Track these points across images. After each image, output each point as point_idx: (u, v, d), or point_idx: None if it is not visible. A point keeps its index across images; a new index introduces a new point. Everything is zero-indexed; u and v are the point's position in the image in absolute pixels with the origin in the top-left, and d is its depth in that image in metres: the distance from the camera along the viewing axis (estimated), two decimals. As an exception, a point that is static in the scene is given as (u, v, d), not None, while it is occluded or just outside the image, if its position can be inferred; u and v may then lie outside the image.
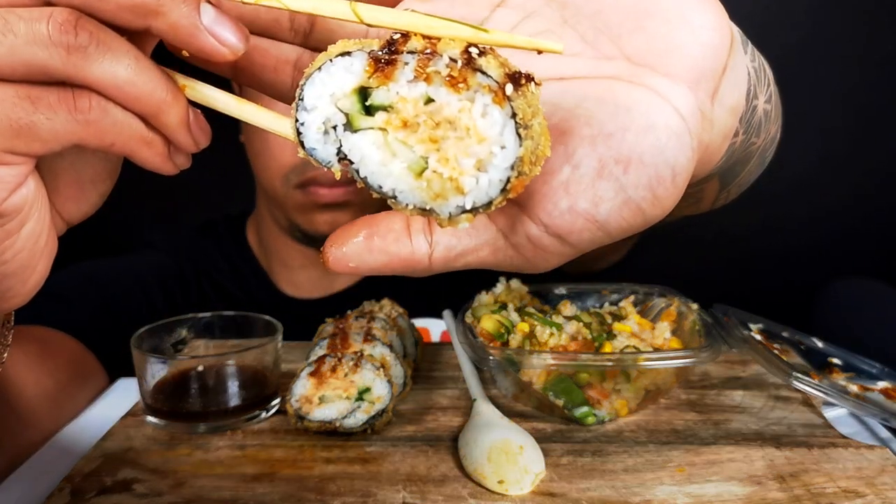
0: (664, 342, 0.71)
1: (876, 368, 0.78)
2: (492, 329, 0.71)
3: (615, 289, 0.84)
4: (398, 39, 0.31)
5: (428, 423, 0.69)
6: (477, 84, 0.30)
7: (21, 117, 0.31)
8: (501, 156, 0.30)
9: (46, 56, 0.30)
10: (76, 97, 0.32)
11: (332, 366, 0.64)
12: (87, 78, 0.31)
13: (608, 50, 0.36)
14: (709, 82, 0.36)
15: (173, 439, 0.65)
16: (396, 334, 0.74)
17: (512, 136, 0.30)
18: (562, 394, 0.67)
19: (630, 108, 0.34)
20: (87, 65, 0.31)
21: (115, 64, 0.31)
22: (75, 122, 0.32)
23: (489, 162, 0.30)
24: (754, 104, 0.45)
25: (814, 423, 0.69)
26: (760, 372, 0.81)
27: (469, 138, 0.30)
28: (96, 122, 0.32)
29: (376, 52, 0.31)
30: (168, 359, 0.68)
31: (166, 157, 0.35)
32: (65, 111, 0.32)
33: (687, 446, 0.64)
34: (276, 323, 0.72)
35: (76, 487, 0.57)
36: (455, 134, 0.30)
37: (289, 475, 0.59)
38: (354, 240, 0.38)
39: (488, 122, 0.30)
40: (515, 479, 0.57)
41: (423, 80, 0.30)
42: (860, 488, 0.57)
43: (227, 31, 0.32)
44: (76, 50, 0.30)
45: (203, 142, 0.36)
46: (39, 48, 0.30)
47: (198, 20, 0.32)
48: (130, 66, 0.32)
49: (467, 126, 0.30)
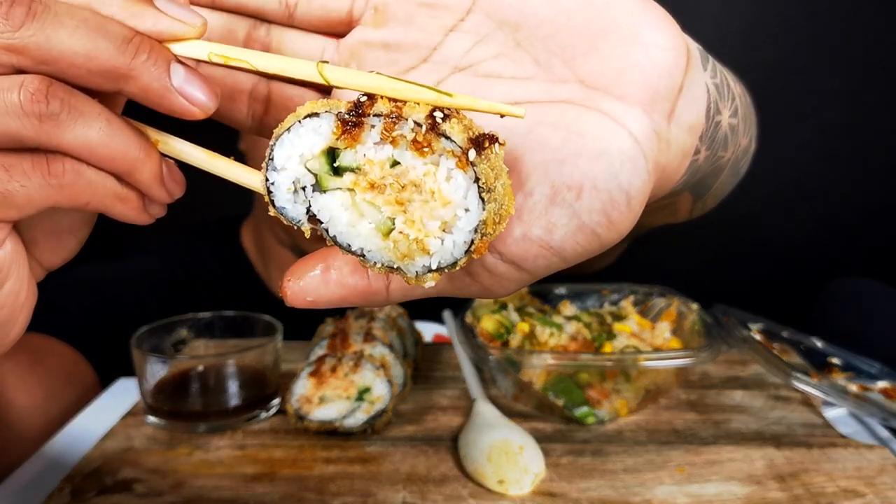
0: (664, 342, 0.71)
1: (876, 368, 0.78)
2: (492, 329, 0.71)
3: (615, 289, 0.84)
4: (365, 102, 0.31)
5: (428, 423, 0.69)
6: (441, 148, 0.30)
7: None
8: (465, 219, 0.31)
9: (19, 126, 0.30)
10: (50, 162, 0.32)
11: (332, 366, 0.64)
12: (61, 144, 0.31)
13: (561, 73, 0.35)
14: (664, 102, 0.35)
15: (173, 439, 0.65)
16: (396, 334, 0.74)
17: (475, 200, 0.31)
18: (562, 394, 0.67)
19: (582, 133, 0.34)
20: (60, 131, 0.31)
21: (87, 128, 0.32)
22: (50, 187, 0.32)
23: (454, 224, 0.31)
24: (717, 120, 0.44)
25: (813, 423, 0.69)
26: (760, 372, 0.81)
27: (434, 201, 0.31)
28: (70, 185, 0.32)
29: (343, 115, 0.31)
30: (168, 359, 0.68)
31: (141, 209, 0.36)
32: (39, 177, 0.32)
33: (687, 446, 0.64)
34: (277, 323, 0.72)
35: (76, 487, 0.57)
36: (420, 197, 0.31)
37: (289, 475, 0.59)
38: (311, 273, 0.37)
39: (452, 187, 0.31)
40: (515, 479, 0.57)
41: (390, 143, 0.31)
42: (860, 488, 0.57)
43: (196, 90, 0.33)
44: (48, 118, 0.31)
45: (177, 193, 0.37)
46: (12, 118, 0.30)
47: (168, 82, 0.32)
48: (102, 128, 0.32)
49: (432, 189, 0.31)
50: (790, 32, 1.32)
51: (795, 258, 1.42)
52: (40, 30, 0.30)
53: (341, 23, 0.37)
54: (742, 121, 0.51)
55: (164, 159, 0.36)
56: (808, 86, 1.34)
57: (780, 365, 0.67)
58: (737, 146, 0.52)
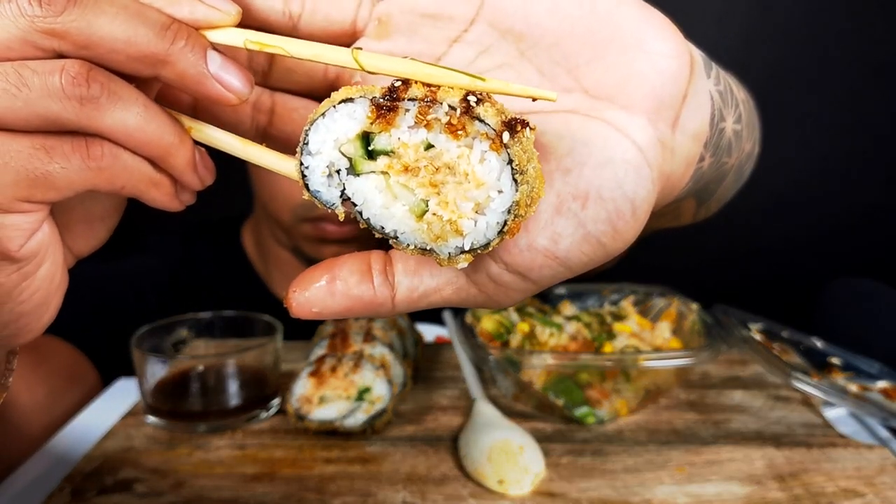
0: (664, 342, 0.71)
1: (875, 368, 0.78)
2: (492, 329, 0.71)
3: (615, 289, 0.84)
4: (399, 87, 0.32)
5: (428, 423, 0.69)
6: (475, 131, 0.31)
7: (37, 167, 0.32)
8: (499, 200, 0.32)
9: (60, 108, 0.31)
10: (89, 146, 0.33)
11: (332, 366, 0.64)
12: (100, 127, 0.32)
13: (565, 82, 0.35)
14: (668, 111, 0.35)
15: (173, 439, 0.65)
16: (396, 334, 0.74)
17: (509, 182, 0.31)
18: (562, 394, 0.67)
19: (587, 143, 0.34)
20: (99, 115, 0.32)
21: (125, 112, 0.32)
22: (88, 170, 0.33)
23: (487, 206, 0.32)
24: (721, 127, 0.44)
25: (813, 423, 0.69)
26: (760, 372, 0.81)
27: (467, 183, 0.32)
28: (108, 168, 0.33)
29: (378, 99, 0.32)
30: (168, 359, 0.68)
31: (173, 196, 0.37)
32: (78, 159, 0.33)
33: (687, 446, 0.64)
34: (277, 323, 0.72)
35: (76, 487, 0.57)
36: (454, 179, 0.32)
37: (289, 475, 0.59)
38: (316, 285, 0.37)
39: (486, 168, 0.31)
40: (515, 478, 0.57)
41: (424, 126, 0.31)
42: (859, 488, 0.57)
43: (233, 77, 0.34)
44: (88, 101, 0.31)
45: (209, 180, 0.38)
46: (53, 101, 0.31)
47: (205, 68, 0.33)
48: (140, 113, 0.33)
49: (466, 171, 0.31)
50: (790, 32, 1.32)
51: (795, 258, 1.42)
52: (81, 15, 0.31)
53: (345, 34, 0.37)
54: (746, 126, 0.51)
55: (196, 147, 0.36)
56: (808, 86, 1.34)
57: (780, 365, 0.67)
58: (741, 151, 0.52)
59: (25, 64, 0.31)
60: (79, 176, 0.33)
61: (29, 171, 0.32)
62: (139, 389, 0.68)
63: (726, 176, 0.53)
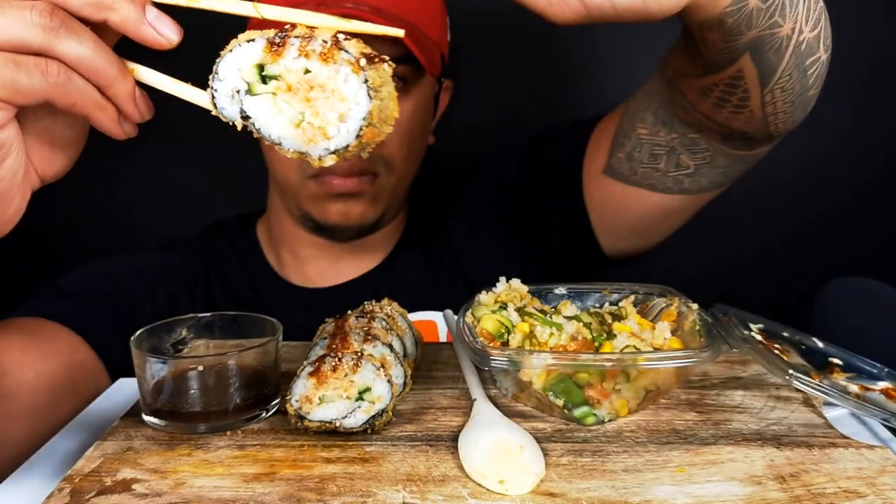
0: (664, 342, 0.71)
1: (877, 368, 0.78)
2: (492, 329, 0.71)
3: (615, 289, 0.84)
4: (288, 28, 0.42)
5: (428, 422, 0.69)
6: (341, 59, 0.42)
7: (6, 74, 0.42)
8: (356, 110, 0.42)
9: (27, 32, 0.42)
10: (48, 64, 0.42)
11: (332, 366, 0.64)
12: (57, 51, 0.42)
13: None
14: None
15: (173, 439, 0.65)
16: (396, 334, 0.74)
17: (364, 96, 0.42)
18: (562, 394, 0.67)
19: None
20: (57, 41, 0.42)
21: (78, 44, 0.43)
22: (46, 83, 0.43)
23: (347, 115, 0.42)
24: None
25: (814, 423, 0.69)
26: (760, 372, 0.81)
27: (334, 98, 0.42)
28: (62, 84, 0.43)
29: (272, 38, 0.43)
30: (168, 359, 0.68)
31: (117, 122, 0.46)
32: (39, 73, 0.42)
33: (687, 446, 0.64)
34: (276, 323, 0.72)
35: (76, 487, 0.57)
36: (324, 95, 0.42)
37: (289, 475, 0.59)
38: None
39: (348, 86, 0.42)
40: (515, 478, 0.57)
41: (304, 56, 0.42)
42: (861, 488, 0.57)
43: (165, 26, 0.44)
44: (50, 30, 0.42)
45: (147, 115, 0.47)
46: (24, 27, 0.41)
47: (143, 16, 0.43)
48: (90, 47, 0.43)
49: (333, 89, 0.42)
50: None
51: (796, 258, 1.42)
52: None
53: None
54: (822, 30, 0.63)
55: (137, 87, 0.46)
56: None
57: (781, 365, 0.66)
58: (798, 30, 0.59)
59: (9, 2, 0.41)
60: (39, 86, 0.42)
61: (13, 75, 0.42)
62: (139, 389, 0.68)
63: (784, 52, 0.61)
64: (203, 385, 0.67)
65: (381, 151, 0.91)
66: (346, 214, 0.94)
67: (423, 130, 0.97)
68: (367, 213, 0.96)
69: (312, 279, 1.07)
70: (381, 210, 0.97)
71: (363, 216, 0.95)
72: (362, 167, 0.91)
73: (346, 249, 1.05)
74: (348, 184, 0.92)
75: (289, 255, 1.08)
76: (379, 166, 0.92)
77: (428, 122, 1.00)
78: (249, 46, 0.43)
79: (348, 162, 0.88)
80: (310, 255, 1.07)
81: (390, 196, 0.97)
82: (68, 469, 0.60)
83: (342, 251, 1.05)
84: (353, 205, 0.94)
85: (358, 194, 0.93)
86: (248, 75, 0.43)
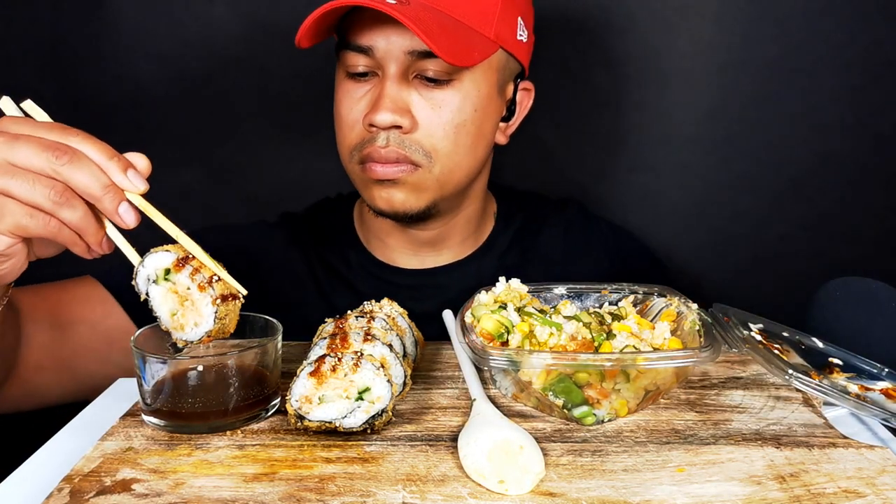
0: (664, 342, 0.71)
1: (877, 368, 0.78)
2: (492, 329, 0.71)
3: (615, 289, 0.84)
4: (191, 258, 0.66)
5: (428, 422, 0.69)
6: (209, 292, 0.65)
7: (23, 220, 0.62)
8: (204, 325, 0.66)
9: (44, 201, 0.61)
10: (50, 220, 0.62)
11: (331, 365, 0.64)
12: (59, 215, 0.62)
13: None
14: None
15: (173, 439, 0.65)
16: (396, 334, 0.74)
17: (212, 319, 0.65)
18: (561, 394, 0.67)
19: None
20: (61, 210, 0.62)
21: (73, 212, 0.62)
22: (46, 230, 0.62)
23: (199, 324, 0.66)
24: None
25: (814, 423, 0.69)
26: (760, 372, 0.81)
27: (195, 311, 0.65)
28: (56, 231, 0.63)
29: (180, 258, 0.65)
30: (168, 359, 0.68)
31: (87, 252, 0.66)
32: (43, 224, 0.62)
33: (687, 446, 0.64)
34: (276, 323, 0.72)
35: (76, 487, 0.57)
36: (192, 307, 0.65)
37: (289, 475, 0.59)
38: None
39: (206, 309, 0.65)
40: (515, 478, 0.57)
41: (191, 278, 0.65)
42: (860, 488, 0.57)
43: (129, 217, 0.64)
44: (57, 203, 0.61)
45: (106, 252, 0.67)
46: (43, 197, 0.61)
47: (116, 208, 0.63)
48: (81, 216, 0.63)
49: (198, 307, 0.65)
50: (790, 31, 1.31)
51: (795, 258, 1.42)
52: (69, 167, 0.61)
53: None
54: None
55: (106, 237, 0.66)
56: (808, 86, 1.34)
57: (780, 365, 0.66)
58: None
59: (38, 178, 0.61)
60: (42, 231, 0.62)
61: (18, 220, 0.61)
62: (139, 389, 0.68)
63: None
64: (203, 385, 0.67)
65: (421, 142, 0.92)
66: (389, 201, 0.96)
67: (476, 125, 0.95)
68: (409, 202, 0.96)
69: (396, 261, 1.10)
70: (427, 200, 0.97)
71: (404, 204, 0.96)
72: (399, 155, 0.92)
73: (426, 242, 1.07)
74: (386, 171, 0.93)
75: (374, 238, 1.11)
76: (418, 156, 0.92)
77: (487, 119, 0.97)
78: (167, 255, 0.66)
79: (385, 149, 0.91)
80: (393, 243, 1.09)
81: (437, 187, 0.96)
82: (68, 469, 0.60)
83: (421, 244, 1.08)
84: (394, 192, 0.95)
85: (396, 182, 0.94)
86: (159, 272, 0.66)
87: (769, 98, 1.35)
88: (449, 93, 0.91)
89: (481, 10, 0.92)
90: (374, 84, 0.92)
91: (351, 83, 0.94)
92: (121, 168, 0.63)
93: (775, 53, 1.33)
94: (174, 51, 1.34)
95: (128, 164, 0.64)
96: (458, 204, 1.05)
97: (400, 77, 0.90)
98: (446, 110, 0.92)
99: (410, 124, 0.90)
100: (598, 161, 1.39)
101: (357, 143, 0.95)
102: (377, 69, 0.91)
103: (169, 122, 1.37)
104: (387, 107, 0.89)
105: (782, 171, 1.39)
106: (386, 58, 0.89)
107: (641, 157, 1.40)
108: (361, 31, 0.90)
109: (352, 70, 0.93)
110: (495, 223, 1.14)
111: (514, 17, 0.96)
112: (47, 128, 0.63)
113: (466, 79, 0.92)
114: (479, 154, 0.99)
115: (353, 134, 0.95)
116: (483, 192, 1.09)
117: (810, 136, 1.36)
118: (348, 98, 0.94)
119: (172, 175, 1.40)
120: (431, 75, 0.90)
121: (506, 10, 0.94)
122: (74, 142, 0.62)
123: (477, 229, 1.11)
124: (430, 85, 0.91)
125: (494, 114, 0.99)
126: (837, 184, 1.39)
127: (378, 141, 0.91)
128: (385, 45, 0.89)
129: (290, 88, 1.36)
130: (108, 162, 0.63)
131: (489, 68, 0.94)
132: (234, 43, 1.34)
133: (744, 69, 1.33)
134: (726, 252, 1.44)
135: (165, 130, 1.38)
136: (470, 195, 1.06)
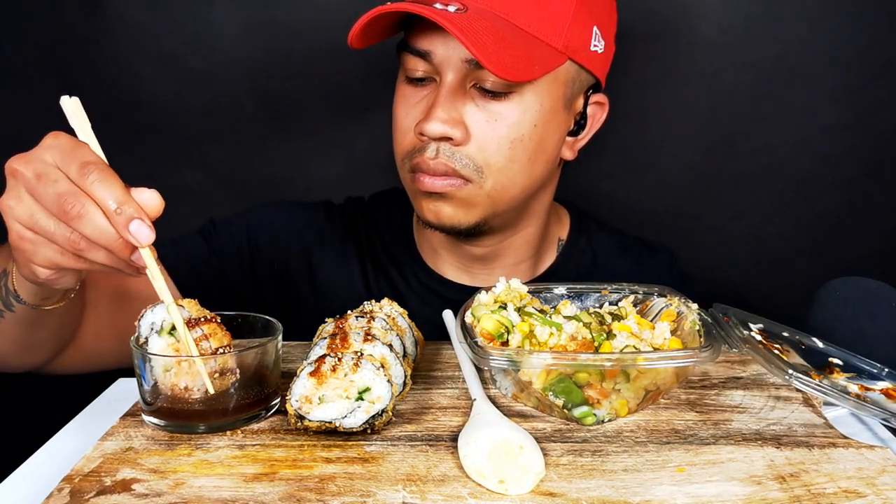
0: (664, 342, 0.71)
1: (877, 368, 0.78)
2: (492, 329, 0.71)
3: (615, 289, 0.84)
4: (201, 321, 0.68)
5: (428, 422, 0.69)
6: (207, 347, 0.67)
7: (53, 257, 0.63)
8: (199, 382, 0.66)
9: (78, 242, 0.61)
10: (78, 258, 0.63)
11: (331, 365, 0.64)
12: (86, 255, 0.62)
13: None
14: None
15: (173, 439, 0.65)
16: (396, 334, 0.74)
17: (207, 380, 0.66)
18: (562, 394, 0.67)
19: None
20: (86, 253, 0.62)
21: (97, 255, 0.62)
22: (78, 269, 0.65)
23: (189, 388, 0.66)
24: None
25: (814, 423, 0.69)
26: (760, 372, 0.81)
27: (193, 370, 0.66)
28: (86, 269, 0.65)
29: (189, 319, 0.68)
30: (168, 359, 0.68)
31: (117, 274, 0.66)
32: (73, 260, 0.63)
33: (687, 446, 0.64)
34: (276, 323, 0.72)
35: (76, 487, 0.57)
36: (188, 367, 0.66)
37: (289, 475, 0.59)
38: None
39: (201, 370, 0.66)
40: (515, 478, 0.57)
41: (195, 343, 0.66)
42: (861, 488, 0.57)
43: (142, 234, 0.60)
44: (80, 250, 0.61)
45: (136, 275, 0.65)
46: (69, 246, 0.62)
47: (128, 257, 0.61)
48: (105, 259, 0.62)
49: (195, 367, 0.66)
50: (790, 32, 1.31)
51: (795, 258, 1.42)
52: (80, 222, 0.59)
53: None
54: None
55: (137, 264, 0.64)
56: (808, 85, 1.34)
57: (781, 365, 0.66)
58: None
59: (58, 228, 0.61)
60: (75, 265, 0.63)
61: (50, 256, 0.62)
62: (139, 389, 0.68)
63: None
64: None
65: (473, 155, 0.87)
66: (437, 214, 0.92)
67: (535, 141, 0.89)
68: (458, 217, 0.92)
69: (446, 272, 1.06)
70: (477, 216, 0.92)
71: (452, 219, 0.92)
72: (448, 168, 0.88)
73: (478, 258, 1.03)
74: (435, 184, 0.89)
75: (427, 245, 1.07)
76: (468, 171, 0.88)
77: (549, 135, 0.91)
78: (178, 311, 0.67)
79: (434, 160, 0.87)
80: (444, 255, 1.06)
81: (488, 203, 0.91)
82: (68, 469, 0.60)
83: (472, 259, 1.03)
84: (443, 206, 0.91)
85: (445, 195, 0.90)
86: (165, 324, 0.68)
87: (769, 98, 1.35)
88: (507, 105, 0.86)
89: (550, 18, 0.85)
90: (431, 90, 0.89)
91: (409, 87, 0.91)
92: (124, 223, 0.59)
93: (775, 53, 1.33)
94: (174, 51, 1.34)
95: (135, 211, 0.59)
96: (514, 221, 0.99)
97: (457, 86, 0.86)
98: (502, 124, 0.86)
99: (462, 136, 0.86)
100: (598, 161, 1.39)
101: (409, 150, 0.91)
102: (435, 75, 0.88)
103: (169, 122, 1.37)
104: (438, 117, 0.85)
105: (782, 171, 1.39)
106: (443, 64, 0.86)
107: (641, 157, 1.40)
108: (421, 34, 0.86)
109: (411, 74, 0.89)
110: (558, 254, 1.08)
111: (589, 27, 0.89)
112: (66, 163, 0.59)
113: (528, 91, 0.87)
114: (536, 171, 0.92)
115: (405, 140, 0.91)
116: (545, 211, 1.03)
117: (810, 136, 1.36)
118: (405, 102, 0.91)
119: (172, 175, 1.40)
120: (489, 87, 0.85)
121: (579, 19, 0.87)
122: (88, 182, 0.59)
123: (536, 253, 1.06)
124: (488, 96, 0.86)
125: (558, 129, 0.93)
126: (837, 184, 1.39)
127: (427, 152, 0.87)
128: (443, 51, 0.85)
129: (290, 88, 1.36)
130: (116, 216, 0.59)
131: (555, 81, 0.88)
132: (234, 43, 1.34)
133: (744, 69, 1.34)
134: (727, 252, 1.44)
135: (165, 130, 1.38)
136: (529, 213, 1.00)
